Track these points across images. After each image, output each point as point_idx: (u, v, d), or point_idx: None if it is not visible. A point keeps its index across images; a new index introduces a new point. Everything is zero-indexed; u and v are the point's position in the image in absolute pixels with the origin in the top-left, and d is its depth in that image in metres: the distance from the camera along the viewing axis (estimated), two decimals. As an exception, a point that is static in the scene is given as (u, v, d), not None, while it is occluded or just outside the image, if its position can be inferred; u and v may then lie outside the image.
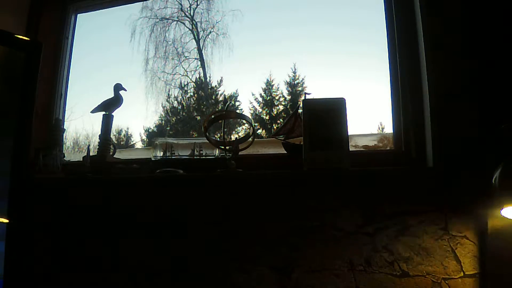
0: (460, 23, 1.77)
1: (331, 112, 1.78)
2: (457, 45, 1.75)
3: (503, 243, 1.52)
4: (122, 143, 4.92)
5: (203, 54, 4.82)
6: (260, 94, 5.03)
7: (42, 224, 2.12)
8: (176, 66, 4.88)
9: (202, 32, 4.86)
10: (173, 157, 2.16)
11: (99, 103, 2.35)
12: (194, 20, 4.84)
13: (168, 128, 4.96)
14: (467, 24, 1.75)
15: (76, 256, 2.05)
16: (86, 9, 2.88)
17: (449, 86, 1.73)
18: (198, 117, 4.83)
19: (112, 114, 2.33)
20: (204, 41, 4.84)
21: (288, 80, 4.94)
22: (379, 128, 3.71)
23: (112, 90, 2.37)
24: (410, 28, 1.99)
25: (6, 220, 1.81)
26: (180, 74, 4.87)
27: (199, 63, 4.86)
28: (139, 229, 1.98)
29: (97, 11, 2.92)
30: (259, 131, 4.72)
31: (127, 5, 2.99)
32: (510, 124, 1.58)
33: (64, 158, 2.45)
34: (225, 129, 2.14)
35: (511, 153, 1.47)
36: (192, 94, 5.06)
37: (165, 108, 4.94)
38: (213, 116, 2.18)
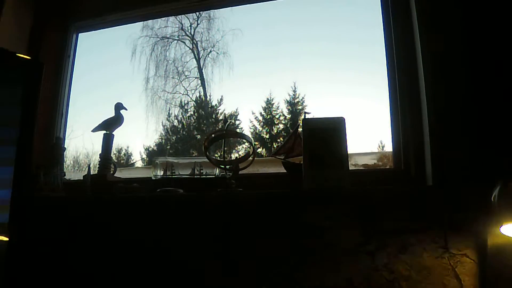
0: (460, 44, 1.79)
1: (330, 131, 1.79)
2: (456, 66, 1.77)
3: (503, 260, 1.52)
4: (122, 161, 4.92)
5: (204, 73, 4.84)
6: (260, 113, 5.04)
7: (42, 242, 2.12)
8: (177, 85, 4.90)
9: (202, 51, 4.89)
10: (173, 176, 2.17)
11: (100, 122, 2.36)
12: (195, 39, 4.87)
13: (169, 147, 4.96)
14: (467, 45, 1.77)
15: (76, 275, 2.04)
16: (88, 28, 2.92)
17: (448, 105, 1.75)
18: (198, 136, 4.84)
19: (113, 133, 2.34)
20: (204, 60, 4.87)
21: (288, 99, 4.96)
22: (379, 146, 3.72)
23: (112, 108, 2.39)
24: (409, 47, 2.01)
25: (6, 238, 1.81)
26: (180, 93, 4.88)
27: (199, 82, 4.88)
28: (139, 248, 1.98)
29: (98, 30, 2.95)
30: (259, 149, 4.72)
31: (128, 24, 3.02)
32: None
33: (65, 177, 2.46)
34: (225, 148, 2.14)
35: (509, 171, 1.48)
36: (192, 113, 5.07)
37: (166, 127, 4.94)
38: (213, 136, 2.19)
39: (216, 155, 2.71)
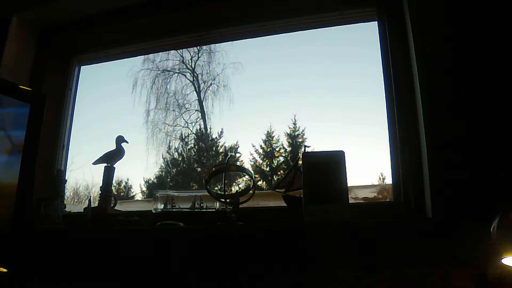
0: (453, 78, 1.81)
1: (330, 165, 1.80)
2: (452, 99, 1.79)
3: (505, 292, 1.51)
4: (122, 194, 4.91)
5: (204, 106, 4.87)
6: (261, 146, 5.04)
7: (41, 275, 2.11)
8: (177, 118, 4.92)
9: (203, 84, 4.93)
10: (173, 209, 2.17)
11: (101, 155, 2.37)
12: (195, 72, 4.92)
13: (169, 179, 4.95)
14: (463, 78, 1.80)
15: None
16: (90, 61, 2.96)
17: (447, 137, 1.76)
18: (199, 169, 4.83)
19: (114, 166, 2.35)
20: (205, 93, 4.91)
21: (288, 132, 4.97)
22: (380, 178, 3.72)
23: (113, 140, 2.41)
24: (407, 80, 2.03)
25: (4, 270, 1.80)
26: (180, 125, 4.90)
27: (199, 114, 4.91)
28: (140, 282, 1.96)
29: (100, 63, 2.99)
30: (260, 182, 4.72)
31: (129, 58, 3.07)
32: (507, 173, 1.60)
33: (65, 209, 2.45)
34: (225, 181, 2.15)
35: (508, 201, 1.48)
36: (192, 145, 5.08)
37: (166, 160, 4.94)
38: (214, 169, 2.20)
39: (216, 188, 2.72)
